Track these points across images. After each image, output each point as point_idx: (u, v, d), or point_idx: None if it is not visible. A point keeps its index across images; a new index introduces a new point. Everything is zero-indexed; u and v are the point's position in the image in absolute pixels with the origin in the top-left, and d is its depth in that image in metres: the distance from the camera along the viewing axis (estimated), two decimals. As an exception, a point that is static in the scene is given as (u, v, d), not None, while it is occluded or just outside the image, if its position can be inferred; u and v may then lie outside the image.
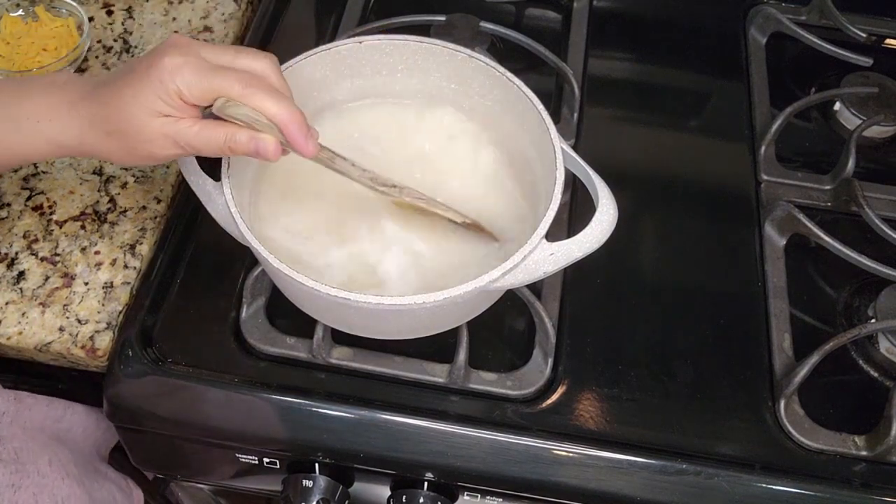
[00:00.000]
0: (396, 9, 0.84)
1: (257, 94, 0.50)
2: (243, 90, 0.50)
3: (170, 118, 0.51)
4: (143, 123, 0.51)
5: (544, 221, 0.54)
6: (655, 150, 0.78)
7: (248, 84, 0.50)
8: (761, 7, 0.88)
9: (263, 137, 0.51)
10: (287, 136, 0.52)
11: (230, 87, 0.50)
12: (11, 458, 0.56)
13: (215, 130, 0.51)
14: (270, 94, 0.51)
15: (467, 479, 0.61)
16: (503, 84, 0.62)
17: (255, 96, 0.50)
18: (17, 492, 0.56)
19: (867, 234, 0.71)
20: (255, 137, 0.51)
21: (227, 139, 0.51)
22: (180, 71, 0.49)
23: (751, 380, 0.64)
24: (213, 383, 0.62)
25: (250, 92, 0.50)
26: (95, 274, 0.67)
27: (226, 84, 0.50)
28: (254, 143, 0.51)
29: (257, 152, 0.52)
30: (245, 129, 0.51)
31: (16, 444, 0.57)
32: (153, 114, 0.50)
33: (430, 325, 0.60)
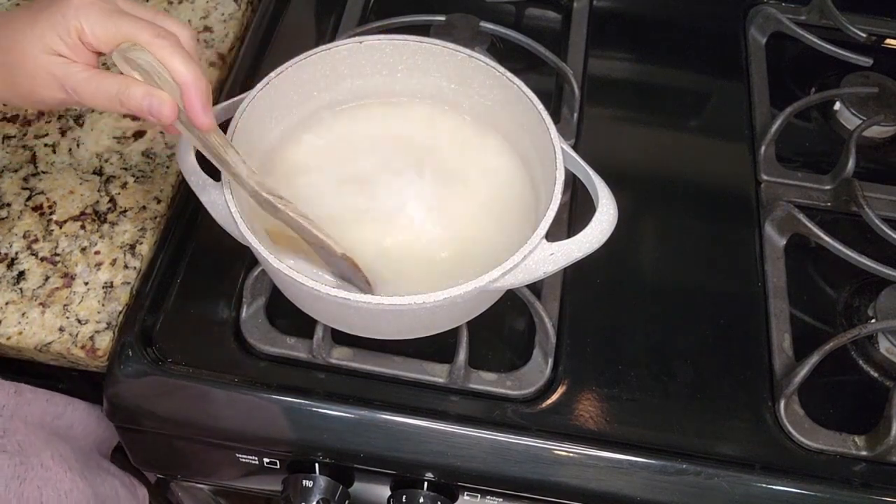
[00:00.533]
0: (396, 9, 0.84)
1: (167, 47, 0.47)
2: (152, 39, 0.47)
3: (61, 58, 0.47)
4: (30, 56, 0.47)
5: (544, 221, 0.54)
6: (655, 150, 0.78)
7: (159, 35, 0.47)
8: (761, 7, 0.88)
9: (160, 94, 0.47)
10: (186, 99, 0.48)
11: (139, 34, 0.47)
12: (16, 450, 0.56)
13: (108, 79, 0.47)
14: (180, 51, 0.47)
15: (467, 479, 0.61)
16: (503, 84, 0.62)
17: (164, 48, 0.47)
18: (23, 483, 0.55)
19: (867, 234, 0.71)
20: (150, 94, 0.47)
21: (119, 90, 0.47)
22: (87, 9, 0.46)
23: (751, 380, 0.64)
24: (213, 383, 0.62)
25: (159, 43, 0.47)
26: (95, 274, 0.67)
27: (134, 30, 0.47)
28: (148, 99, 0.47)
29: (150, 110, 0.48)
30: (142, 84, 0.47)
31: (19, 437, 0.57)
32: (45, 49, 0.47)
33: (430, 325, 0.60)
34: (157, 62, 0.47)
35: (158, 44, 0.47)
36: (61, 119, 0.75)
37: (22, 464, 0.56)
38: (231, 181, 0.54)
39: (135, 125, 0.75)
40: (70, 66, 0.47)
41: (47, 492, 0.57)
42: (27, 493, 0.55)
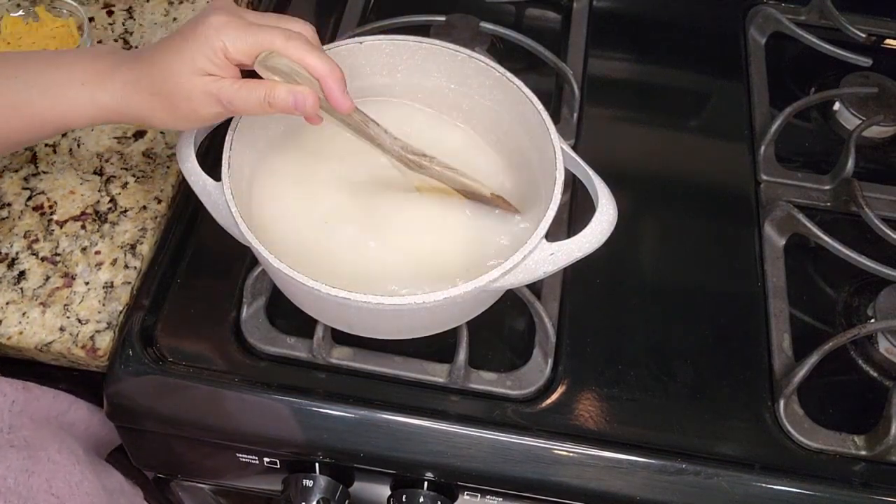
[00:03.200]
0: (396, 9, 0.84)
1: (299, 48, 0.52)
2: (285, 43, 0.52)
3: (212, 77, 0.52)
4: (186, 81, 0.52)
5: (544, 221, 0.54)
6: (655, 150, 0.78)
7: (289, 38, 0.52)
8: (761, 7, 0.88)
9: (302, 90, 0.53)
10: (326, 89, 0.53)
11: (273, 41, 0.52)
12: (23, 444, 0.57)
13: (255, 87, 0.53)
14: (311, 49, 0.53)
15: (467, 478, 0.62)
16: (503, 84, 0.62)
17: (297, 49, 0.52)
18: (31, 476, 0.56)
19: (867, 234, 0.71)
20: (293, 91, 0.53)
21: (266, 94, 0.53)
22: (225, 28, 0.51)
23: (750, 380, 0.64)
24: (213, 383, 0.62)
25: (292, 45, 0.52)
26: (96, 274, 0.67)
27: (269, 38, 0.52)
28: (292, 96, 0.53)
29: (296, 106, 0.53)
30: (284, 85, 0.53)
31: (26, 432, 0.58)
32: (197, 72, 0.52)
33: (430, 325, 0.60)
34: (293, 63, 0.52)
35: (292, 46, 0.52)
36: (61, 119, 0.75)
37: (30, 457, 0.56)
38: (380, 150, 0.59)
39: (135, 125, 0.75)
40: (221, 82, 0.52)
41: (57, 484, 0.57)
42: (36, 486, 0.56)
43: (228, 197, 0.54)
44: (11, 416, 0.58)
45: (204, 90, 0.52)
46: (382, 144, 0.58)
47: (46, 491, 0.56)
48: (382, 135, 0.58)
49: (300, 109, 0.53)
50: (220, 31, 0.51)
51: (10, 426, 0.57)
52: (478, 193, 0.61)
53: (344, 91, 0.54)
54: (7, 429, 0.57)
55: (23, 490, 0.55)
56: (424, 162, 0.60)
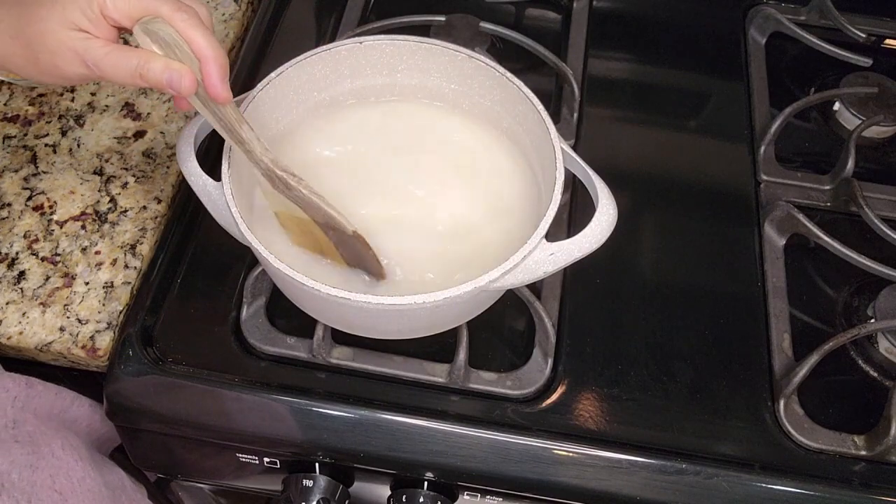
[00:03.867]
0: (396, 9, 0.84)
1: (187, 20, 0.48)
2: (173, 12, 0.48)
3: (82, 33, 0.48)
4: (52, 32, 0.47)
5: (544, 221, 0.54)
6: (655, 150, 0.78)
7: (179, 8, 0.48)
8: (761, 7, 0.88)
9: (179, 68, 0.48)
10: (205, 72, 0.49)
11: (160, 7, 0.48)
12: (27, 440, 0.56)
13: (128, 54, 0.48)
14: (200, 26, 0.49)
15: (467, 478, 0.62)
16: (503, 84, 0.62)
17: (184, 21, 0.48)
18: (35, 472, 0.55)
19: (867, 234, 0.71)
20: (170, 66, 0.48)
21: (139, 65, 0.48)
22: None
23: (750, 380, 0.64)
24: (213, 383, 0.62)
25: (181, 16, 0.48)
26: (96, 274, 0.67)
27: (156, 4, 0.48)
28: (168, 72, 0.48)
29: (170, 83, 0.48)
30: (161, 58, 0.48)
31: (29, 427, 0.57)
32: (67, 24, 0.47)
33: (430, 325, 0.60)
34: (177, 35, 0.48)
35: (179, 17, 0.48)
36: (62, 119, 0.75)
37: (33, 453, 0.56)
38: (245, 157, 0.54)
39: (135, 125, 0.75)
40: (91, 41, 0.48)
41: (60, 480, 0.57)
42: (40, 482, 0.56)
43: (228, 197, 0.54)
44: (15, 412, 0.58)
45: (70, 46, 0.48)
46: (252, 151, 0.53)
47: (50, 487, 0.56)
48: (254, 141, 0.53)
49: (174, 88, 0.49)
50: None
51: (14, 421, 0.57)
52: (339, 229, 0.56)
53: (225, 79, 0.50)
54: (11, 424, 0.57)
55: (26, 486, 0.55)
56: (292, 182, 0.54)
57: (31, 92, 0.77)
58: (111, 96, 0.77)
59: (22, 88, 0.77)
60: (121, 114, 0.76)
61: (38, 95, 0.77)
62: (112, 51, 0.48)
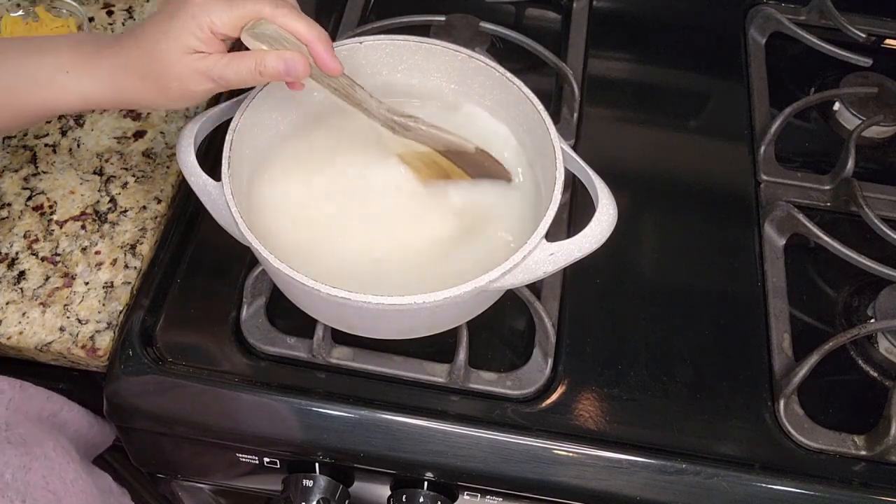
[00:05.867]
0: (396, 9, 0.84)
1: (286, 14, 0.53)
2: (273, 10, 0.53)
3: (200, 54, 0.53)
4: (175, 61, 0.52)
5: (544, 221, 0.54)
6: (655, 150, 0.78)
7: (276, 5, 0.53)
8: (761, 7, 0.88)
9: (292, 55, 0.53)
10: (315, 53, 0.54)
11: (260, 9, 0.52)
12: (19, 441, 0.57)
13: (244, 58, 0.53)
14: (298, 14, 0.54)
15: (467, 478, 0.62)
16: (503, 84, 0.62)
17: (284, 16, 0.53)
18: (28, 473, 0.56)
19: (867, 234, 0.71)
20: (283, 57, 0.53)
21: (256, 64, 0.53)
22: (209, 4, 0.52)
23: (750, 380, 0.64)
24: (213, 383, 0.62)
25: (280, 12, 0.53)
26: (96, 274, 0.67)
27: (256, 8, 0.52)
28: (282, 62, 0.53)
29: (287, 71, 0.53)
30: (273, 52, 0.53)
31: (21, 429, 0.58)
32: (185, 50, 0.52)
33: (430, 324, 0.60)
34: (280, 30, 0.53)
35: (278, 13, 0.53)
36: (61, 119, 0.75)
37: (27, 454, 0.56)
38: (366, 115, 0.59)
39: (135, 125, 0.75)
40: (209, 59, 0.53)
41: (53, 480, 0.57)
42: (33, 482, 0.56)
43: (228, 197, 0.54)
44: (8, 414, 0.59)
45: (194, 69, 0.53)
46: (369, 108, 0.59)
47: (43, 487, 0.57)
48: (368, 99, 0.58)
49: (292, 74, 0.54)
50: (204, 7, 0.51)
51: (6, 423, 0.58)
52: (463, 151, 0.61)
53: (333, 54, 0.55)
54: (4, 426, 0.57)
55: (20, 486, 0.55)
56: (410, 123, 0.60)
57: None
58: (111, 96, 0.77)
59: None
60: (121, 114, 0.76)
61: (38, 95, 0.77)
62: (230, 61, 0.53)
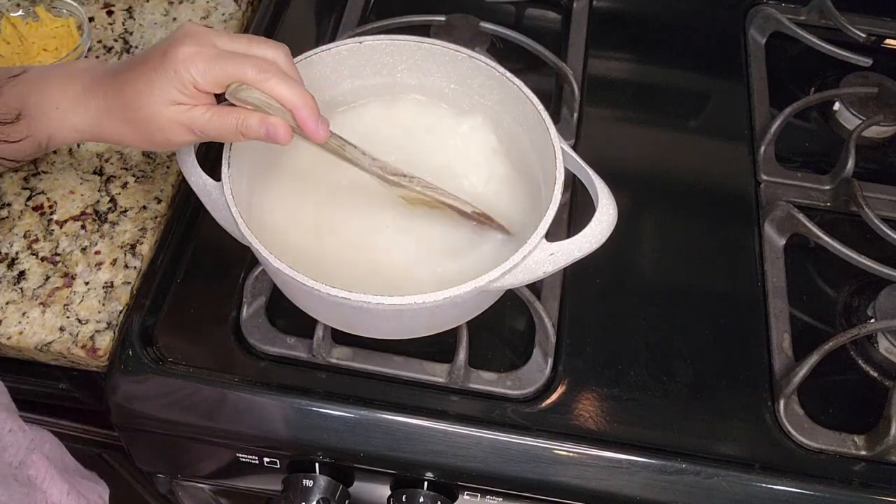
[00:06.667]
0: (396, 9, 0.84)
1: (270, 79, 0.52)
2: (256, 75, 0.51)
3: (183, 106, 0.52)
4: (157, 112, 0.52)
5: (544, 221, 0.54)
6: (655, 150, 0.78)
7: (261, 69, 0.52)
8: (761, 7, 0.88)
9: (274, 121, 0.52)
10: (298, 120, 0.53)
11: (243, 73, 0.51)
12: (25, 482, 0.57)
13: (227, 116, 0.53)
14: (283, 79, 0.52)
15: (467, 478, 0.62)
16: (503, 84, 0.62)
17: (267, 81, 0.52)
18: None
19: (867, 234, 0.71)
20: (265, 121, 0.52)
21: (238, 124, 0.52)
22: (194, 60, 0.51)
23: (750, 380, 0.64)
24: (213, 383, 0.62)
25: (263, 77, 0.51)
26: (96, 274, 0.67)
27: (239, 70, 0.51)
28: (264, 126, 0.52)
29: (268, 135, 0.53)
30: (256, 113, 0.52)
31: (31, 471, 0.57)
32: (167, 103, 0.52)
33: (430, 325, 0.60)
34: (264, 95, 0.52)
35: (262, 79, 0.51)
36: (61, 119, 0.75)
37: (27, 495, 0.56)
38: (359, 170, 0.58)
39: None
40: (193, 111, 0.53)
41: None
42: None
43: (228, 197, 0.54)
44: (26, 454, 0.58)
45: (177, 120, 0.53)
46: (361, 166, 0.58)
47: None
48: (360, 157, 0.57)
49: (272, 139, 0.53)
50: (188, 64, 0.51)
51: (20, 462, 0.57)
52: (460, 211, 0.60)
53: (317, 120, 0.53)
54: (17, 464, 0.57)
55: None
56: (404, 182, 0.58)
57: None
58: (111, 96, 0.77)
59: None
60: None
61: (38, 95, 0.77)
62: (213, 115, 0.53)
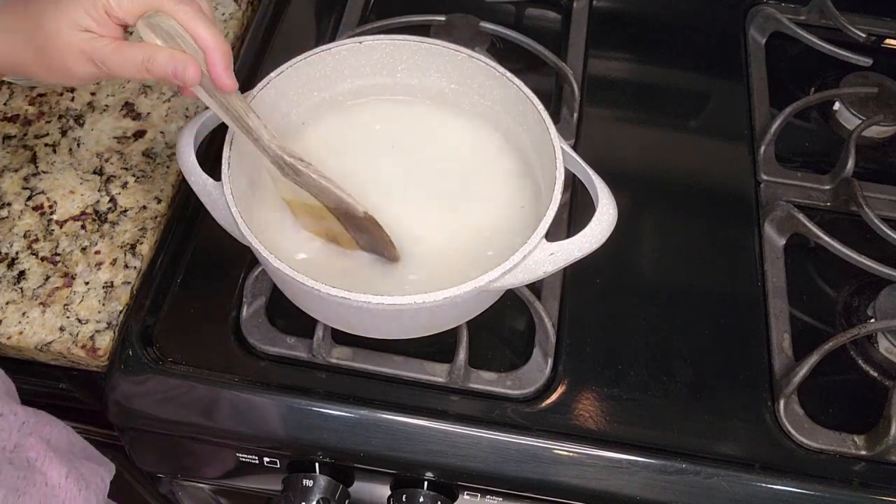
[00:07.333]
0: (396, 9, 0.84)
1: (189, 13, 0.49)
2: (175, 5, 0.49)
3: (89, 34, 0.49)
4: (60, 35, 0.49)
5: (544, 221, 0.54)
6: (655, 150, 0.78)
7: (181, 1, 0.49)
8: (761, 7, 0.88)
9: (184, 58, 0.49)
10: (210, 62, 0.50)
11: (162, 2, 0.49)
12: (24, 464, 0.56)
13: (133, 49, 0.50)
14: (203, 17, 0.50)
15: (467, 478, 0.62)
16: (503, 84, 0.62)
17: (187, 14, 0.49)
18: (21, 497, 0.55)
19: (867, 234, 0.71)
20: (175, 57, 0.49)
21: (144, 59, 0.49)
22: None
23: (750, 380, 0.64)
24: (213, 383, 0.62)
25: (183, 9, 0.49)
26: (96, 274, 0.67)
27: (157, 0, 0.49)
28: (172, 63, 0.49)
29: (175, 74, 0.50)
30: (166, 49, 0.49)
31: (31, 453, 0.57)
32: (74, 27, 0.49)
33: (430, 324, 0.60)
34: (180, 28, 0.49)
35: (182, 10, 0.49)
36: (62, 119, 0.75)
37: (24, 478, 0.56)
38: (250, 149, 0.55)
39: (135, 125, 0.75)
40: (97, 41, 0.49)
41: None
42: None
43: (228, 197, 0.54)
44: (20, 436, 0.58)
45: (78, 47, 0.49)
46: (260, 139, 0.54)
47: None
48: (261, 129, 0.54)
49: (179, 78, 0.50)
50: None
51: (15, 445, 0.57)
52: (350, 212, 0.56)
53: (229, 68, 0.51)
54: (12, 447, 0.57)
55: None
56: (301, 167, 0.55)
57: (30, 92, 0.77)
58: (111, 96, 0.77)
59: (22, 88, 0.77)
60: (121, 113, 0.76)
61: (37, 95, 0.77)
62: (118, 48, 0.49)
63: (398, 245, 0.60)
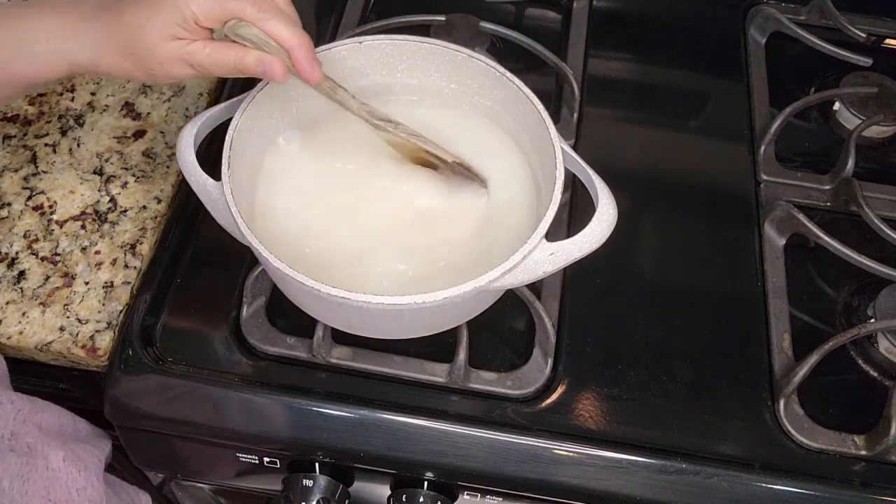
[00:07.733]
0: (396, 9, 0.84)
1: (269, 18, 0.53)
2: (255, 13, 0.53)
3: (182, 41, 0.53)
4: (156, 46, 0.53)
5: (544, 221, 0.54)
6: (655, 150, 0.78)
7: (260, 8, 0.53)
8: (761, 7, 0.88)
9: (271, 59, 0.54)
10: (294, 60, 0.54)
11: (243, 10, 0.53)
12: (24, 451, 0.57)
13: (226, 52, 0.54)
14: (281, 19, 0.54)
15: (467, 478, 0.62)
16: (503, 84, 0.62)
17: (266, 20, 0.53)
18: (26, 483, 0.56)
19: (867, 234, 0.71)
20: (262, 59, 0.54)
21: (236, 61, 0.54)
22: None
23: (750, 380, 0.64)
24: (213, 383, 0.62)
25: (262, 15, 0.53)
26: (96, 273, 0.67)
27: (238, 7, 0.53)
28: (262, 64, 0.54)
29: (265, 73, 0.54)
30: (253, 51, 0.54)
31: (29, 439, 0.58)
32: (167, 37, 0.53)
33: (430, 324, 0.60)
34: (262, 34, 0.54)
35: (261, 17, 0.53)
36: (62, 119, 0.75)
37: (27, 464, 0.56)
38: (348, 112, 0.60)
39: (135, 125, 0.75)
40: (191, 46, 0.54)
41: (56, 491, 0.57)
42: (32, 491, 0.56)
43: (228, 197, 0.54)
44: (16, 424, 0.58)
45: (175, 55, 0.54)
46: (351, 109, 0.59)
47: (44, 497, 0.57)
48: (350, 100, 0.59)
49: (268, 77, 0.55)
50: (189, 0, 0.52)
51: (12, 433, 0.58)
52: (441, 159, 0.62)
53: (312, 61, 0.55)
54: (10, 435, 0.57)
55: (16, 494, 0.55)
56: (390, 128, 0.60)
57: (30, 91, 0.77)
58: (111, 96, 0.77)
59: (22, 88, 0.77)
60: (121, 113, 0.76)
61: (37, 95, 0.77)
62: (212, 51, 0.54)
63: (398, 245, 0.60)
